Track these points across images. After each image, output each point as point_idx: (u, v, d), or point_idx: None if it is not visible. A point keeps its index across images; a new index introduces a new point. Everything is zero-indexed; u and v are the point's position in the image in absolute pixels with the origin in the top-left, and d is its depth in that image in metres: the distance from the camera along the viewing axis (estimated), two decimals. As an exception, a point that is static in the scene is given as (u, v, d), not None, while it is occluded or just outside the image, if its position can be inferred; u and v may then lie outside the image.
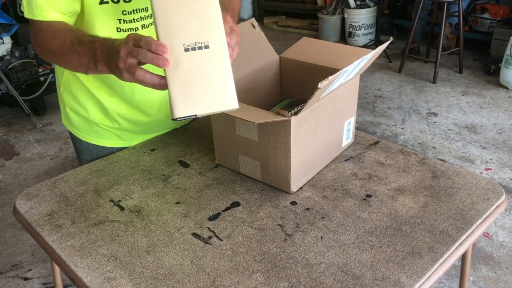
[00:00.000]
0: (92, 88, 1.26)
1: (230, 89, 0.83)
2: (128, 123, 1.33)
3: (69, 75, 1.27)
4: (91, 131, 1.35)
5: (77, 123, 1.34)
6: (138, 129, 1.36)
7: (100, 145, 1.36)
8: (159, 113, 1.33)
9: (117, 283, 0.91)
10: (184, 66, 0.80)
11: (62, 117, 1.39)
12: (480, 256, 2.16)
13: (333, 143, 1.25)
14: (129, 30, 1.13)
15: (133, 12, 1.12)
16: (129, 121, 1.32)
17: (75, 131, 1.37)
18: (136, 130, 1.36)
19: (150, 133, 1.40)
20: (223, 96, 0.83)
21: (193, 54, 0.80)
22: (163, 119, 1.36)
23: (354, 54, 1.27)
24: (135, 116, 1.31)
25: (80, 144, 1.38)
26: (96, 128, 1.33)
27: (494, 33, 4.09)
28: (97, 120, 1.32)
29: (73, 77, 1.27)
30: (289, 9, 5.91)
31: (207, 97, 0.82)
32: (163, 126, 1.41)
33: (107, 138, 1.36)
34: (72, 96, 1.30)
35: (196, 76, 0.81)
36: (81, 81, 1.26)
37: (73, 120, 1.34)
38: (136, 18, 1.13)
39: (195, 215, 1.09)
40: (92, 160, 1.32)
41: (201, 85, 0.81)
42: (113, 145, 1.37)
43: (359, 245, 0.98)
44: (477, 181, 1.17)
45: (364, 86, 4.01)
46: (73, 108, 1.32)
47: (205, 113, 0.83)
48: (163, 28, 0.80)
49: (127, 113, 1.30)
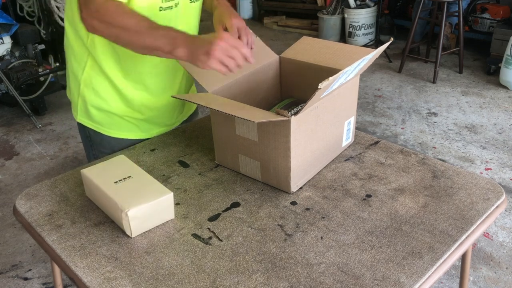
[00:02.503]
0: (117, 80, 1.30)
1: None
2: (150, 111, 1.38)
3: (91, 71, 1.30)
4: (113, 125, 1.38)
5: (98, 118, 1.37)
6: (158, 119, 1.43)
7: (121, 137, 1.40)
8: (175, 101, 1.42)
9: (117, 283, 0.91)
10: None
11: (78, 114, 1.40)
12: (480, 256, 2.16)
13: (333, 143, 1.25)
14: (168, 8, 1.22)
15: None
16: (151, 108, 1.38)
17: (96, 126, 1.39)
18: (156, 119, 1.42)
19: (165, 125, 1.47)
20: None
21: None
22: (179, 107, 1.46)
23: (354, 53, 1.27)
24: (155, 103, 1.37)
25: (101, 139, 1.41)
26: (118, 120, 1.37)
27: (494, 33, 4.09)
28: (120, 112, 1.35)
29: (96, 72, 1.30)
30: (289, 9, 5.91)
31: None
32: (173, 119, 1.48)
33: (128, 130, 1.40)
34: (93, 91, 1.33)
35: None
36: (106, 74, 1.29)
37: (94, 116, 1.37)
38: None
39: (195, 216, 1.09)
40: (113, 152, 1.37)
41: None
42: (134, 137, 1.41)
43: (359, 245, 0.98)
44: (477, 181, 1.17)
45: (364, 86, 4.01)
46: (95, 104, 1.34)
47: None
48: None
49: (149, 101, 1.36)
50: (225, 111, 1.03)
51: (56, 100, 3.97)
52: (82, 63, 1.30)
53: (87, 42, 1.25)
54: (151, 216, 1.04)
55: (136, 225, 1.02)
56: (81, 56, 1.29)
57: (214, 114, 1.20)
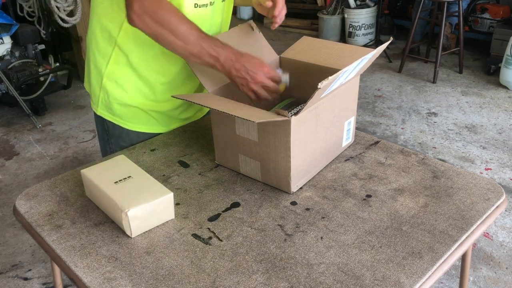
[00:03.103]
0: (143, 71, 1.31)
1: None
2: (172, 103, 1.40)
3: (115, 64, 1.31)
4: (134, 118, 1.40)
5: (120, 111, 1.38)
6: (178, 112, 1.45)
7: (141, 131, 1.42)
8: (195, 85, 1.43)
9: (117, 284, 0.91)
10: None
11: (99, 107, 1.41)
12: (480, 256, 2.16)
13: (333, 143, 1.24)
14: (203, 5, 1.23)
15: None
16: (173, 100, 1.39)
17: (117, 119, 1.40)
18: (176, 111, 1.44)
19: (183, 119, 1.49)
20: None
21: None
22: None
23: (354, 53, 1.27)
24: (177, 91, 1.39)
25: (121, 132, 1.42)
26: (139, 114, 1.39)
27: (494, 33, 4.09)
28: (142, 105, 1.37)
29: (121, 65, 1.31)
30: (289, 9, 5.82)
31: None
32: (191, 112, 1.50)
33: (149, 124, 1.42)
34: (117, 84, 1.34)
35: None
36: (133, 66, 1.30)
37: (115, 109, 1.38)
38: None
39: (195, 216, 1.09)
40: (131, 145, 1.39)
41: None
42: (154, 130, 1.44)
43: (359, 245, 0.98)
44: (477, 181, 1.17)
45: (364, 86, 4.01)
46: (118, 97, 1.35)
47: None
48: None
49: (172, 91, 1.37)
50: (225, 111, 1.03)
51: (56, 100, 3.97)
52: (107, 57, 1.31)
53: (118, 35, 1.26)
54: (151, 216, 1.04)
55: (136, 225, 1.02)
56: (106, 49, 1.30)
57: (214, 114, 1.20)
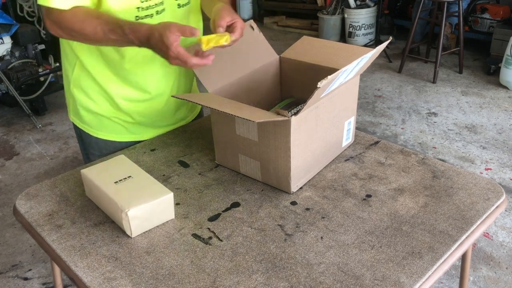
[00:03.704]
0: (104, 82, 1.29)
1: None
2: (139, 116, 1.36)
3: (80, 71, 1.29)
4: (102, 126, 1.37)
5: (87, 119, 1.36)
6: (148, 121, 1.39)
7: (110, 139, 1.38)
8: (169, 103, 1.37)
9: (117, 283, 0.91)
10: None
11: (71, 114, 1.40)
12: (480, 256, 2.16)
13: (333, 143, 1.24)
14: (146, 17, 1.18)
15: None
16: (140, 113, 1.35)
17: (86, 127, 1.38)
18: (146, 122, 1.38)
19: (159, 127, 1.42)
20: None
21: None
22: (172, 111, 1.41)
23: (354, 53, 1.27)
24: (147, 108, 1.34)
25: (90, 140, 1.39)
26: (107, 122, 1.35)
27: (494, 33, 4.09)
28: (109, 114, 1.34)
29: (84, 73, 1.29)
30: (289, 9, 5.90)
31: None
32: (171, 120, 1.44)
33: (117, 132, 1.38)
34: (83, 92, 1.32)
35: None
36: (93, 76, 1.28)
37: (83, 116, 1.36)
38: (151, 5, 1.18)
39: (195, 216, 1.09)
40: (102, 156, 1.33)
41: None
42: (124, 139, 1.39)
43: (359, 245, 0.98)
44: (477, 181, 1.17)
45: (364, 86, 4.01)
46: (84, 104, 1.34)
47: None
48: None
49: (138, 106, 1.33)
50: (225, 111, 1.03)
51: (56, 100, 3.97)
52: (72, 63, 1.30)
53: (73, 44, 1.26)
54: (151, 216, 1.04)
55: (136, 225, 1.02)
56: (71, 56, 1.29)
57: (214, 114, 1.20)
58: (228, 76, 1.25)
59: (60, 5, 1.10)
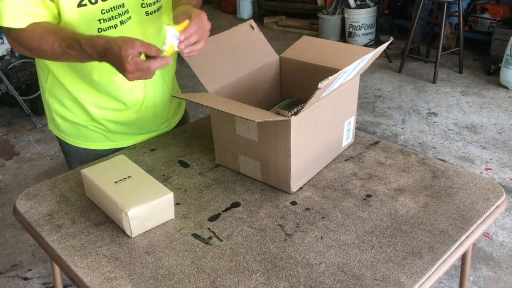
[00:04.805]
0: (76, 92, 1.26)
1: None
2: (115, 125, 1.33)
3: (53, 80, 1.27)
4: (79, 135, 1.34)
5: (64, 127, 1.34)
6: (126, 130, 1.36)
7: (89, 148, 1.36)
8: (146, 111, 1.33)
9: (117, 283, 0.91)
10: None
11: (49, 122, 1.38)
12: (480, 256, 2.16)
13: (333, 143, 1.24)
14: (109, 28, 1.14)
15: (111, 9, 1.13)
16: (116, 122, 1.32)
17: (63, 136, 1.36)
18: (124, 131, 1.36)
19: (140, 133, 1.39)
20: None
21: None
22: (150, 118, 1.37)
23: (354, 53, 1.27)
24: (122, 117, 1.31)
25: (69, 149, 1.37)
26: (84, 131, 1.33)
27: (494, 33, 4.09)
28: (85, 122, 1.31)
29: (57, 82, 1.27)
30: (289, 9, 5.90)
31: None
32: (152, 127, 1.40)
33: (96, 140, 1.35)
34: (57, 101, 1.30)
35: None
36: (65, 86, 1.26)
37: (60, 125, 1.34)
38: (115, 15, 1.14)
39: (195, 216, 1.08)
40: (82, 164, 1.30)
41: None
42: (102, 147, 1.36)
43: (359, 245, 0.98)
44: (477, 181, 1.17)
45: (364, 86, 4.01)
46: (60, 113, 1.32)
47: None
48: None
49: (112, 115, 1.30)
50: (225, 111, 1.03)
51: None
52: (45, 72, 1.28)
53: None
54: (151, 216, 1.04)
55: (136, 225, 1.02)
56: (43, 66, 1.27)
57: (214, 114, 1.20)
58: (228, 76, 1.25)
59: (16, 24, 1.07)
